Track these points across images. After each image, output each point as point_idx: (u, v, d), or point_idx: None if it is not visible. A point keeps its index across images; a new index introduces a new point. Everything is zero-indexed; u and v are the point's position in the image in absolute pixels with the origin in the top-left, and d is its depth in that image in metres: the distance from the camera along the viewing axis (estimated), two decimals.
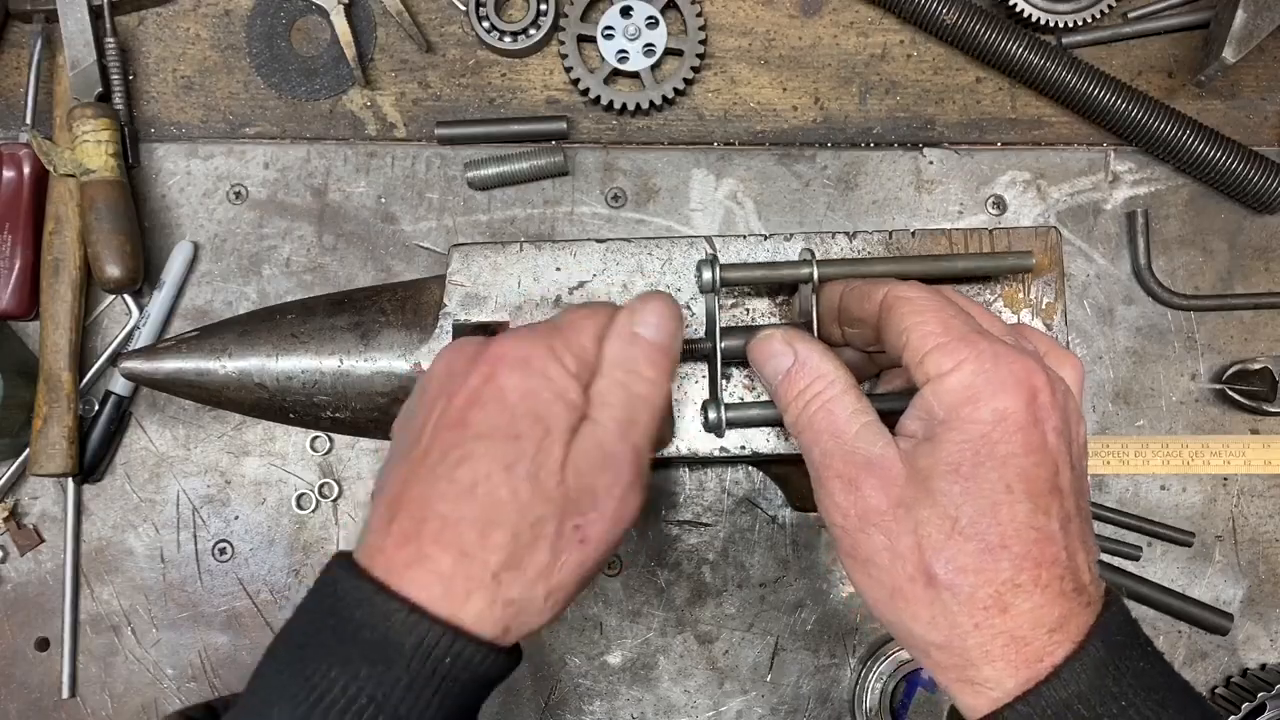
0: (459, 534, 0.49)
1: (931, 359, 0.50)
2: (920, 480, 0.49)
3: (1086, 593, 0.49)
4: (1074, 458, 0.51)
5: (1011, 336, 0.54)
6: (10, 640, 0.84)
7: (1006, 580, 0.47)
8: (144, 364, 0.72)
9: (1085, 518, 0.51)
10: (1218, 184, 0.85)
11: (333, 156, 0.87)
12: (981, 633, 0.47)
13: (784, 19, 0.88)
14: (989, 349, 0.50)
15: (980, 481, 0.48)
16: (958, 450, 0.48)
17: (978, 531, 0.48)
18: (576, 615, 0.84)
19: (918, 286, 0.55)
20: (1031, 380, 0.49)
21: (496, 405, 0.51)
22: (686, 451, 0.68)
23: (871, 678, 0.81)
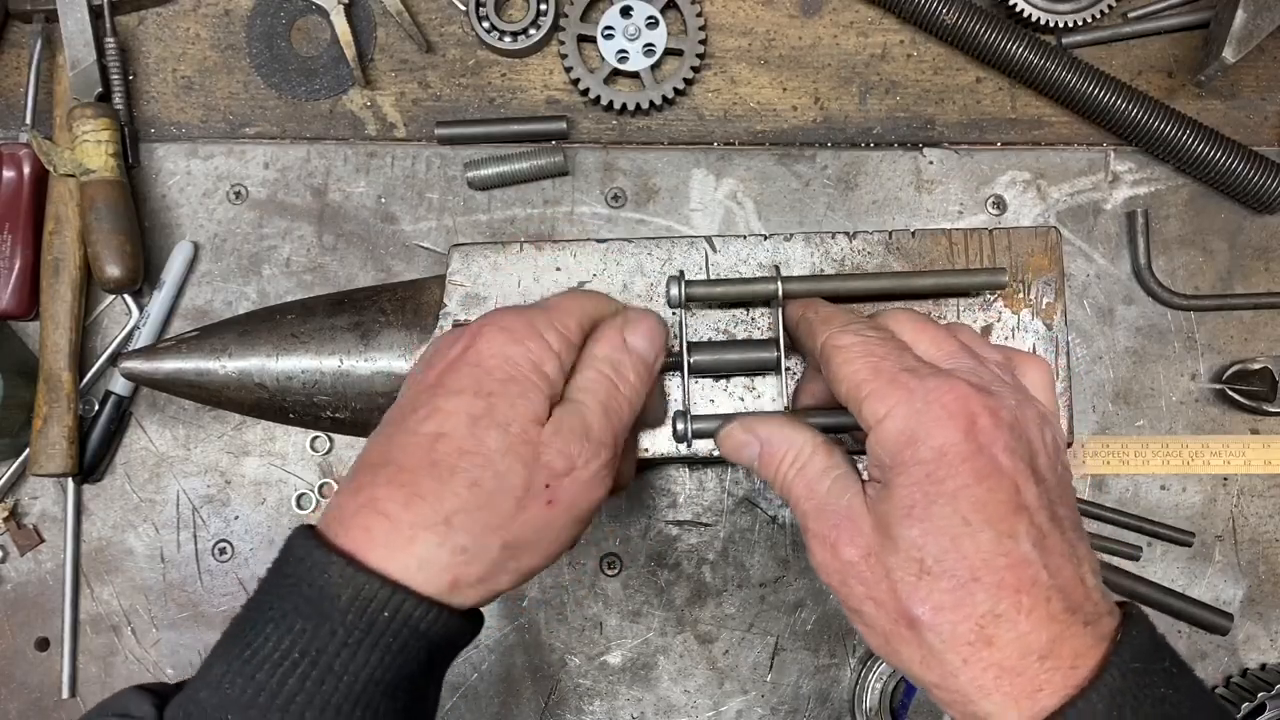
0: (414, 478, 0.49)
1: (867, 407, 0.51)
2: (884, 527, 0.49)
3: (1083, 611, 0.47)
4: (1041, 470, 0.50)
5: (961, 357, 0.54)
6: (10, 640, 0.84)
7: (986, 613, 0.46)
8: (144, 364, 0.72)
9: (1069, 529, 0.49)
10: (1218, 184, 0.85)
11: (333, 156, 0.87)
12: (971, 668, 0.46)
13: (784, 19, 0.88)
14: (918, 386, 0.50)
15: (935, 520, 0.47)
16: (908, 493, 0.48)
17: (945, 569, 0.47)
18: (577, 615, 0.84)
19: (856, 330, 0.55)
20: (967, 407, 0.49)
21: (471, 368, 0.52)
22: (688, 452, 0.68)
23: (871, 678, 0.81)
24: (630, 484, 0.68)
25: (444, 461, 0.49)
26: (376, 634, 0.47)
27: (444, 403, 0.51)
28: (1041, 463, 0.50)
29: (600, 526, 0.84)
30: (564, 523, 0.53)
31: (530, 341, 0.54)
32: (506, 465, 0.50)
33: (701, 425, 0.63)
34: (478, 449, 0.50)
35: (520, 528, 0.51)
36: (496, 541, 0.50)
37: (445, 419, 0.50)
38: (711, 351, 0.65)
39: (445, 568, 0.48)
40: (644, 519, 0.84)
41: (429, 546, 0.48)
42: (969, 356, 0.54)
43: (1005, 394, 0.51)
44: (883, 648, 0.51)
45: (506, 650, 0.83)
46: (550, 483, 0.52)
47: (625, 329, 0.59)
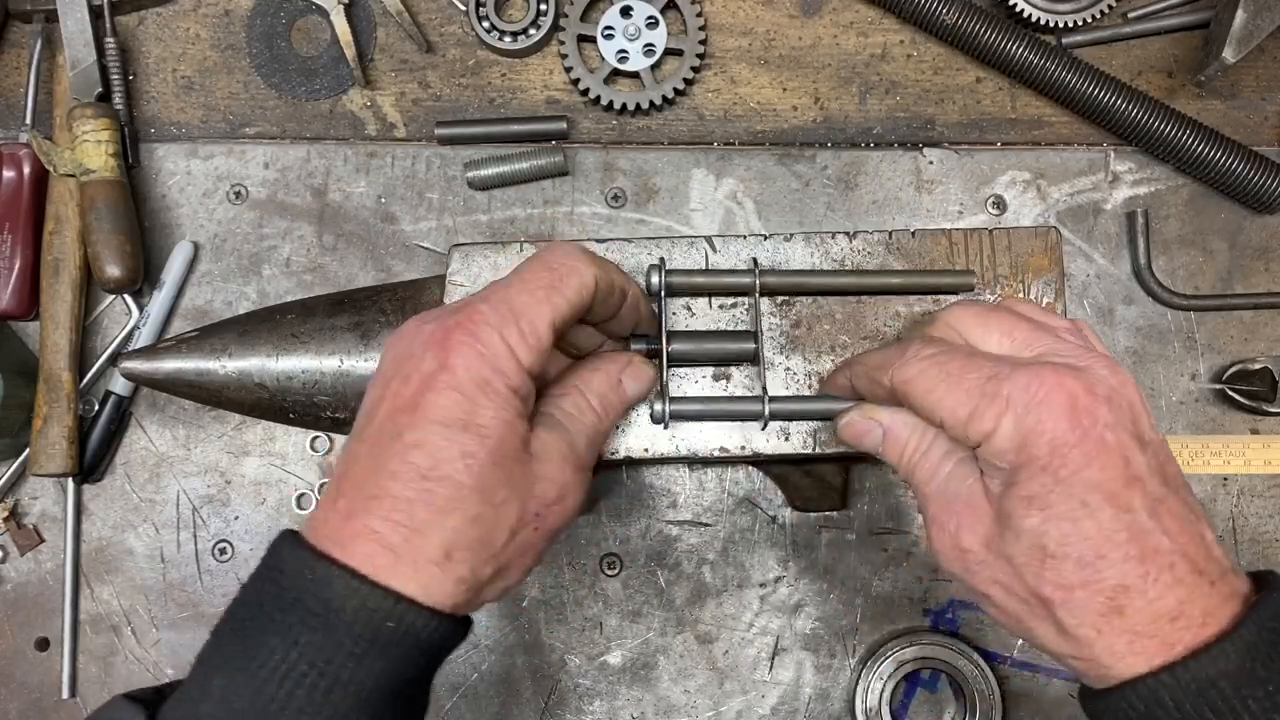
0: (411, 514, 0.49)
1: (972, 428, 0.51)
2: (1005, 518, 0.51)
3: (1207, 571, 0.48)
4: (1144, 434, 0.51)
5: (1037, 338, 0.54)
6: (10, 640, 0.84)
7: (1114, 585, 0.48)
8: (144, 364, 0.72)
9: (1180, 488, 0.51)
10: (1218, 184, 0.85)
11: (333, 156, 0.87)
12: (1105, 637, 0.48)
13: (784, 19, 0.88)
14: (1012, 391, 0.50)
15: (1055, 507, 0.49)
16: (1026, 487, 0.49)
17: (1068, 552, 0.48)
18: (576, 615, 0.84)
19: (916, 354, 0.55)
20: (1065, 395, 0.49)
21: (451, 392, 0.51)
22: (687, 452, 0.68)
23: (871, 678, 0.81)
24: None
25: (439, 496, 0.50)
26: (382, 645, 0.47)
27: (429, 432, 0.50)
28: (1144, 426, 0.51)
29: (600, 526, 0.84)
30: (546, 543, 0.55)
31: (505, 363, 0.52)
32: (502, 499, 0.51)
33: (680, 407, 0.64)
34: (475, 483, 0.50)
35: (512, 552, 0.53)
36: (492, 567, 0.52)
37: (437, 452, 0.50)
38: (691, 341, 0.66)
39: (446, 594, 0.49)
40: (644, 519, 0.84)
41: (432, 578, 0.49)
42: (1043, 334, 0.54)
43: (1095, 365, 0.51)
44: (1014, 626, 0.52)
45: (506, 650, 0.83)
46: (540, 511, 0.53)
47: (625, 373, 0.62)
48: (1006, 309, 0.57)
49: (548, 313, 0.54)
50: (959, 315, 0.57)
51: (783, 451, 0.68)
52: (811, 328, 0.69)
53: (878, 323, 0.69)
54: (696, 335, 0.67)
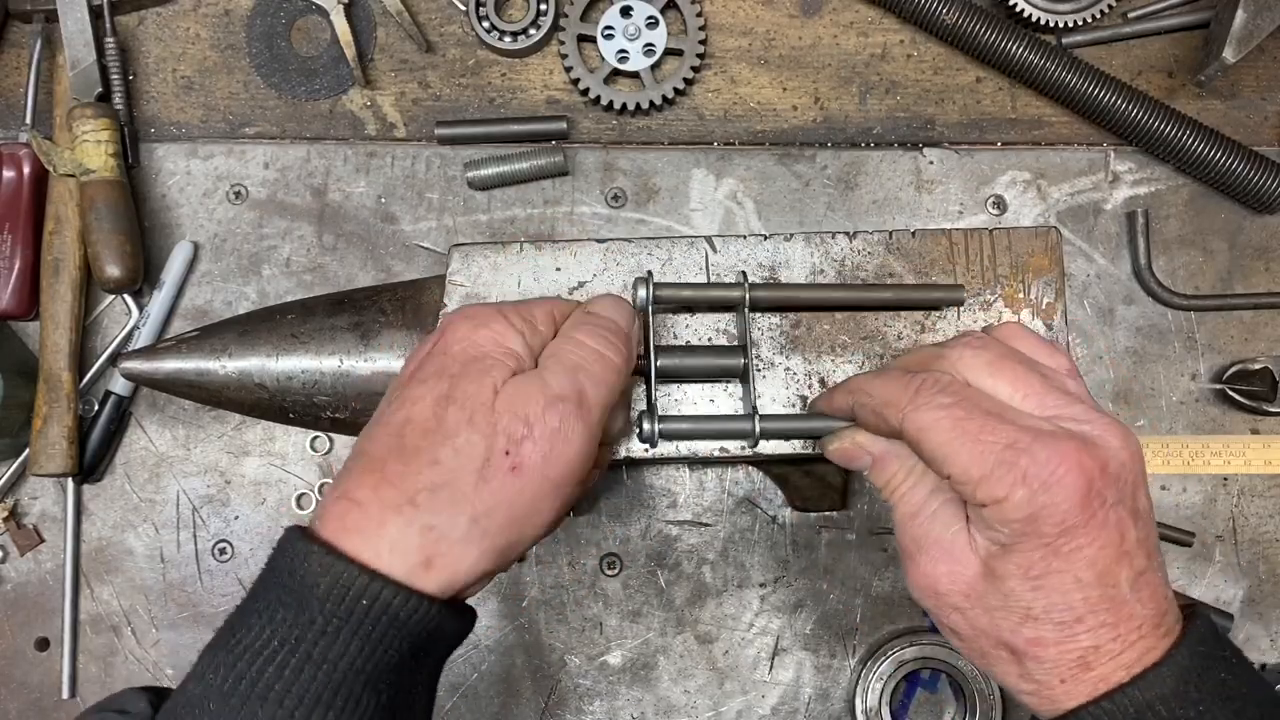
0: (382, 464, 0.50)
1: (982, 490, 0.51)
2: (994, 579, 0.51)
3: (1165, 624, 0.51)
4: (1140, 507, 0.52)
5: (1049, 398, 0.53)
6: (10, 640, 0.84)
7: (1088, 648, 0.50)
8: (144, 364, 0.72)
9: (1153, 551, 0.52)
10: (1218, 184, 0.85)
11: (333, 156, 0.87)
12: (1068, 685, 0.50)
13: (784, 19, 0.88)
14: (1032, 467, 0.49)
15: (1050, 580, 0.50)
16: (1026, 559, 0.50)
17: (1050, 617, 0.50)
18: (576, 615, 0.84)
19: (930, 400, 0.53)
20: (1082, 474, 0.49)
21: (439, 356, 0.54)
22: (687, 452, 0.68)
23: (871, 678, 0.81)
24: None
25: (409, 444, 0.50)
26: (355, 622, 0.47)
27: (412, 391, 0.53)
28: (1140, 500, 0.52)
29: (600, 526, 0.84)
30: (537, 490, 0.52)
31: (494, 324, 0.55)
32: (464, 438, 0.50)
33: (669, 426, 0.62)
34: (438, 427, 0.50)
35: (488, 498, 0.50)
36: (464, 515, 0.50)
37: (412, 405, 0.52)
38: (679, 356, 0.65)
39: (416, 548, 0.48)
40: (644, 519, 0.84)
41: (398, 528, 0.49)
42: (1052, 391, 0.54)
43: (1107, 436, 0.51)
44: (976, 660, 0.54)
45: (506, 650, 0.83)
46: (509, 449, 0.51)
47: (585, 305, 0.61)
48: (1012, 355, 0.56)
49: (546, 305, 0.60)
50: (968, 363, 0.55)
51: (783, 451, 0.68)
52: (811, 328, 0.69)
53: (877, 323, 0.69)
54: (684, 350, 0.66)
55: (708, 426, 0.64)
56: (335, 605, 0.47)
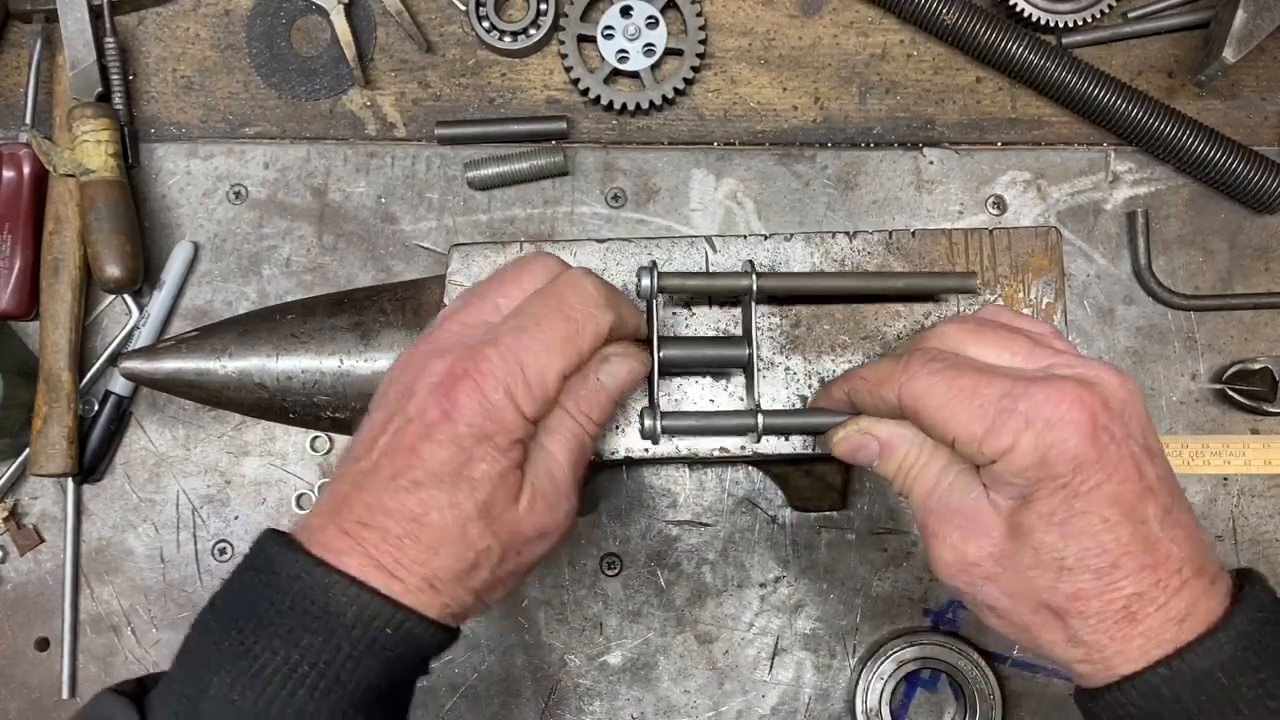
0: (401, 547, 0.51)
1: (988, 445, 0.51)
2: (1021, 534, 0.51)
3: (1208, 571, 0.49)
4: (1151, 446, 0.51)
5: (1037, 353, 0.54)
6: (10, 640, 0.84)
7: (1130, 595, 0.48)
8: (144, 364, 0.72)
9: (1177, 491, 0.51)
10: (1218, 184, 0.85)
11: (333, 156, 0.87)
12: (1118, 643, 0.49)
13: (784, 19, 0.88)
14: (1030, 409, 0.50)
15: (1076, 522, 0.49)
16: (1047, 504, 0.50)
17: (1086, 564, 0.49)
18: (576, 615, 0.84)
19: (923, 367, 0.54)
20: (1084, 411, 0.49)
21: (449, 444, 0.52)
22: (686, 452, 0.68)
23: (871, 678, 0.81)
24: None
25: (426, 539, 0.52)
26: (379, 647, 0.50)
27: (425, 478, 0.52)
28: (1151, 438, 0.52)
29: (600, 526, 0.84)
30: (529, 567, 0.57)
31: (508, 417, 0.53)
32: (485, 544, 0.53)
33: (671, 422, 0.62)
34: (460, 533, 0.52)
35: (492, 581, 0.55)
36: (473, 596, 0.54)
37: (428, 499, 0.52)
38: (682, 347, 0.65)
39: (432, 612, 0.52)
40: (644, 519, 0.84)
41: (416, 600, 0.51)
42: (1040, 348, 0.54)
43: (1104, 376, 0.51)
44: (1019, 635, 0.53)
45: (506, 650, 0.83)
46: (521, 549, 0.55)
47: (603, 367, 0.58)
48: (994, 322, 0.57)
49: (559, 365, 0.54)
50: (953, 334, 0.56)
51: (782, 451, 0.68)
52: (811, 328, 0.69)
53: (877, 322, 0.69)
54: (688, 341, 0.66)
55: (710, 423, 0.63)
56: (361, 632, 0.49)
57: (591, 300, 0.56)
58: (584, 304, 0.56)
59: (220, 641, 0.50)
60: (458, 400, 0.52)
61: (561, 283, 0.57)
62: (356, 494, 0.53)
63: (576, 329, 0.55)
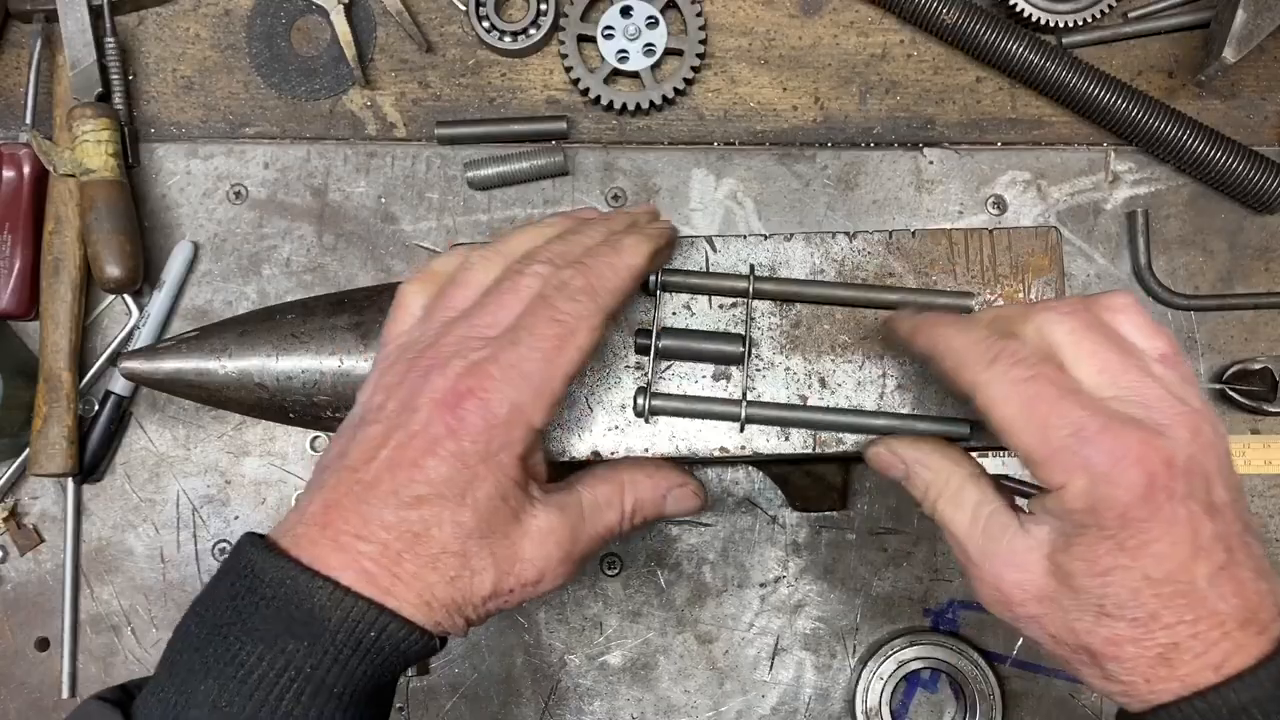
0: (397, 563, 0.51)
1: (1042, 474, 0.50)
2: (1062, 576, 0.51)
3: (1257, 620, 0.49)
4: (1217, 502, 0.50)
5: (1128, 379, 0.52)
6: (10, 640, 0.84)
7: (1166, 644, 0.48)
8: (144, 364, 0.72)
9: (1243, 547, 0.50)
10: (1218, 184, 0.85)
11: (333, 156, 0.87)
12: (1151, 684, 0.49)
13: (784, 19, 0.88)
14: (1093, 454, 0.49)
15: (1118, 575, 0.49)
16: (1090, 551, 0.50)
17: (1125, 614, 0.49)
18: (576, 615, 0.84)
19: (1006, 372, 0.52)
20: (1144, 467, 0.48)
21: (453, 460, 0.52)
22: (687, 452, 0.68)
23: (871, 678, 0.81)
24: None
25: (424, 554, 0.52)
26: (364, 650, 0.50)
27: (428, 499, 0.52)
28: (1217, 493, 0.50)
29: None
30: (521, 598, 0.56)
31: (515, 432, 0.53)
32: (480, 568, 0.53)
33: (661, 403, 0.65)
34: (460, 549, 0.52)
35: (480, 611, 0.54)
36: (462, 621, 0.54)
37: (429, 516, 0.52)
38: (680, 338, 0.67)
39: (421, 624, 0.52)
40: None
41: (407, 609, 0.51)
42: (1134, 370, 0.52)
43: (1177, 427, 0.50)
44: (1063, 664, 0.53)
45: (506, 650, 0.83)
46: (515, 588, 0.54)
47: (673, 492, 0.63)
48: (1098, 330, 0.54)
49: (561, 370, 0.54)
50: (1051, 330, 0.53)
51: (783, 451, 0.68)
52: (811, 328, 0.69)
53: (878, 323, 0.69)
54: (687, 334, 0.68)
55: (698, 407, 0.66)
56: (346, 636, 0.49)
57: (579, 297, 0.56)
58: (571, 304, 0.56)
59: (205, 648, 0.50)
60: (464, 417, 0.52)
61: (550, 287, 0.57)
62: (353, 505, 0.52)
63: (568, 329, 0.55)
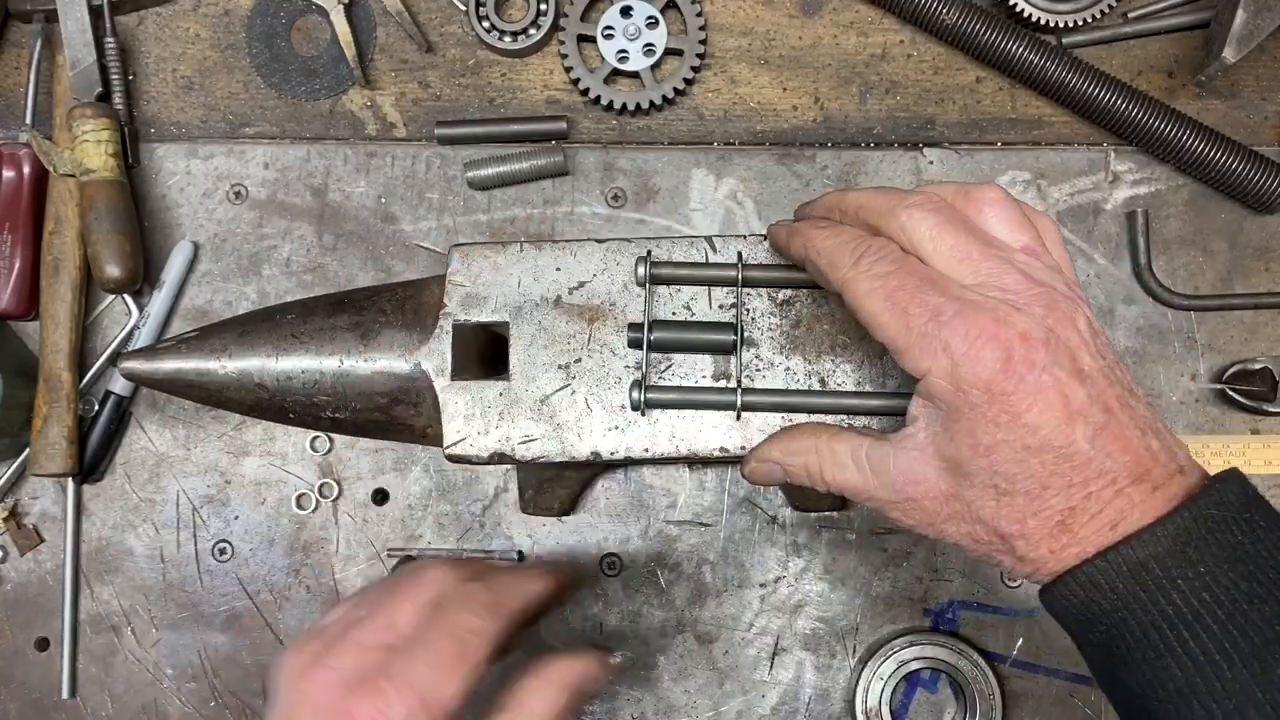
0: None
1: (906, 362, 0.53)
2: (952, 466, 0.53)
3: (1151, 477, 0.51)
4: (1085, 368, 0.52)
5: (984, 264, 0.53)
6: (10, 640, 0.84)
7: (1061, 509, 0.51)
8: (144, 364, 0.72)
9: (1123, 406, 0.52)
10: (1218, 184, 0.85)
11: (333, 156, 0.87)
12: (1057, 555, 0.52)
13: (784, 19, 0.88)
14: (950, 336, 0.51)
15: (999, 451, 0.51)
16: (968, 434, 0.52)
17: (1018, 487, 0.51)
18: (576, 615, 0.84)
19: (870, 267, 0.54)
20: (1000, 344, 0.50)
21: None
22: (687, 452, 0.68)
23: (871, 678, 0.81)
24: None
25: None
26: None
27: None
28: (1084, 359, 0.52)
29: (600, 527, 0.84)
30: None
31: None
32: None
33: (656, 396, 0.66)
34: None
35: None
36: None
37: None
38: (672, 330, 0.68)
39: None
40: (644, 519, 0.84)
41: None
42: (993, 259, 0.54)
43: (1034, 304, 0.52)
44: (984, 559, 0.55)
45: None
46: None
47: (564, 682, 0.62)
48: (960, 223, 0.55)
49: (457, 685, 0.57)
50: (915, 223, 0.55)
51: None
52: (811, 328, 0.69)
53: None
54: (679, 325, 0.68)
55: (693, 397, 0.67)
56: None
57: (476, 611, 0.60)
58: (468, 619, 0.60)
59: None
60: None
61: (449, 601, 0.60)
62: None
63: (465, 645, 0.58)
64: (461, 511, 0.84)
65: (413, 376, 0.70)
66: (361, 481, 0.85)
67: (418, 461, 0.85)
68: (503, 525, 0.84)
